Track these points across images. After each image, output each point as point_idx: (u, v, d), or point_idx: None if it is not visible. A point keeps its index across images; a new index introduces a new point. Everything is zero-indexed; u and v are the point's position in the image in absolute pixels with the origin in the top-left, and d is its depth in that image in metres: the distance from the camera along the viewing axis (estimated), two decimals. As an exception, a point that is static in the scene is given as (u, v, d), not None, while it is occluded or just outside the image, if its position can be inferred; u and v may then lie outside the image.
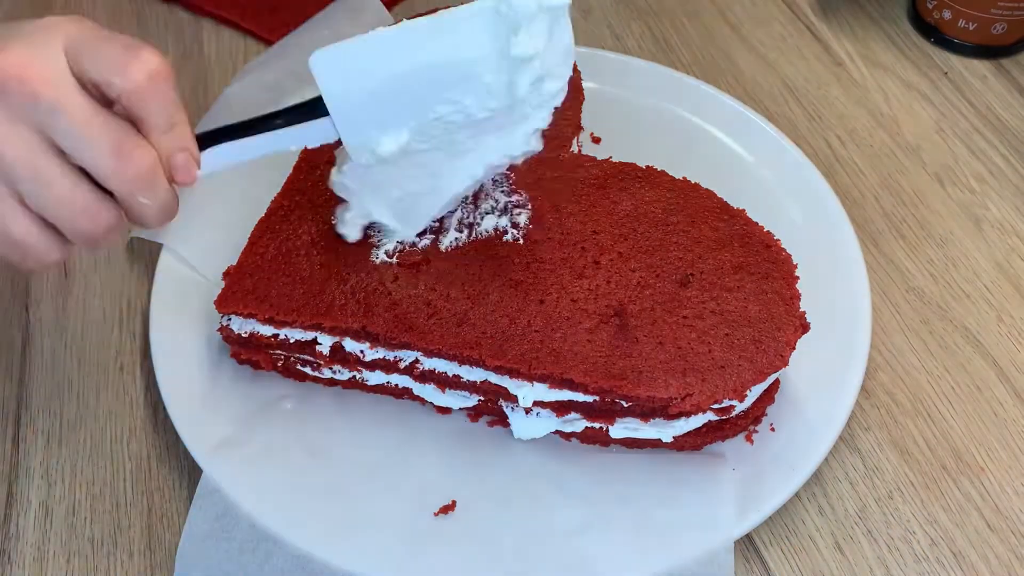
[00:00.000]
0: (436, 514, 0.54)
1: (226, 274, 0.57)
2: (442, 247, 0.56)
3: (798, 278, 0.55)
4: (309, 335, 0.56)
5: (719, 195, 0.60)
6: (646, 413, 0.53)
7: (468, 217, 0.57)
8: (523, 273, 0.55)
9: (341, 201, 0.57)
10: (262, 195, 0.62)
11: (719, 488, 0.54)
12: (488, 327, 0.53)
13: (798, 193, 0.67)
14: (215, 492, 0.53)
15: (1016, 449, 0.58)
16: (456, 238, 0.57)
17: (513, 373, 0.53)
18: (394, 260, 0.56)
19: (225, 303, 0.56)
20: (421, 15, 0.49)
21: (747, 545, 0.55)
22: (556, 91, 0.50)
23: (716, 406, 0.52)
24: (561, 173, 0.60)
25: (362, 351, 0.56)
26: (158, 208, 0.46)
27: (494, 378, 0.54)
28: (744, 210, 0.59)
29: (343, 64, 0.49)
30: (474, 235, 0.57)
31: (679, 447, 0.56)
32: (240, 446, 0.55)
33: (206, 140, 0.48)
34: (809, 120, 0.76)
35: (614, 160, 0.61)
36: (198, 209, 0.66)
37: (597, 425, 0.55)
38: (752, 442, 0.56)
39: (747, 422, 0.55)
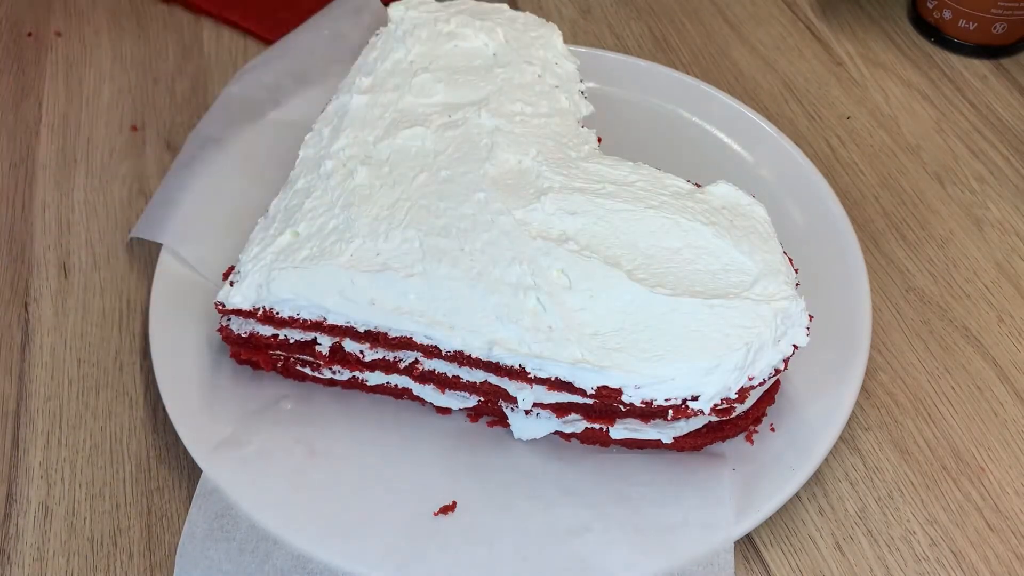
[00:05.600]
0: (436, 514, 0.54)
1: (226, 274, 0.57)
2: None
3: (798, 284, 0.55)
4: (309, 335, 0.56)
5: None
6: (646, 415, 0.53)
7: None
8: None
9: None
10: (263, 195, 0.62)
11: (719, 488, 0.54)
12: None
13: (798, 193, 0.67)
14: (215, 492, 0.53)
15: (1016, 449, 0.58)
16: None
17: (512, 375, 0.53)
18: None
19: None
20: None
21: (747, 545, 0.55)
22: None
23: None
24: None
25: (362, 351, 0.56)
26: None
27: (494, 379, 0.54)
28: None
29: None
30: None
31: (679, 448, 0.56)
32: (240, 446, 0.55)
33: None
34: (809, 120, 0.76)
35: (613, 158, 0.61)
36: (198, 209, 0.66)
37: (597, 426, 0.55)
38: (752, 442, 0.56)
39: (747, 422, 0.55)
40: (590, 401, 0.53)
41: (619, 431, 0.55)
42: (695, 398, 0.51)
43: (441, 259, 0.54)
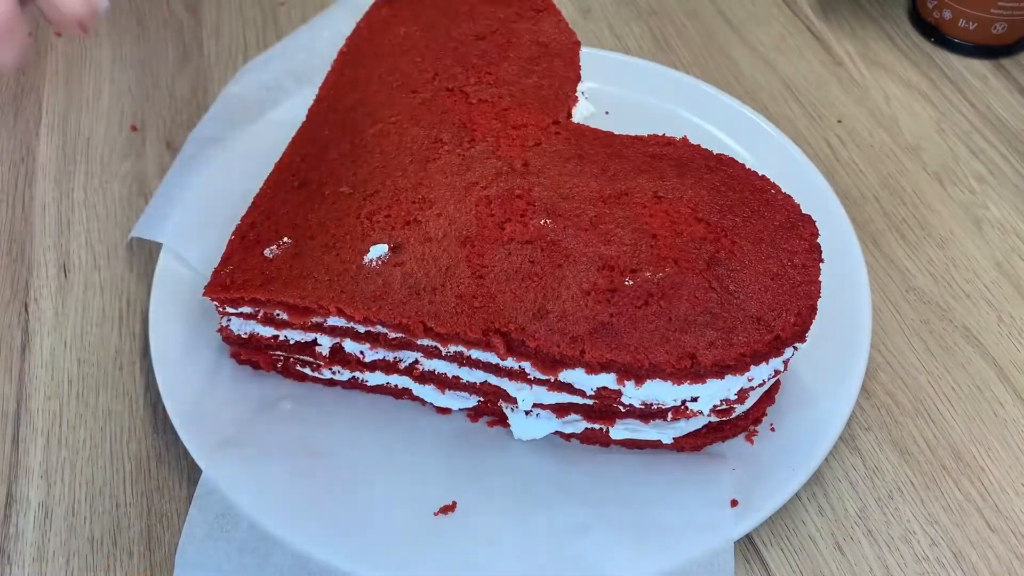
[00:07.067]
0: (436, 514, 0.54)
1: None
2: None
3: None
4: (309, 336, 0.56)
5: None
6: (646, 415, 0.53)
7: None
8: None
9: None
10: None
11: (719, 488, 0.54)
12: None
13: (798, 193, 0.67)
14: (215, 492, 0.53)
15: (1016, 449, 0.58)
16: None
17: (512, 375, 0.53)
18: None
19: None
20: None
21: (747, 545, 0.55)
22: None
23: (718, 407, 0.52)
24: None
25: (362, 352, 0.56)
26: None
27: (493, 379, 0.54)
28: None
29: None
30: None
31: (679, 448, 0.56)
32: (240, 446, 0.55)
33: None
34: (809, 120, 0.76)
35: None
36: (198, 209, 0.66)
37: (597, 426, 0.55)
38: (752, 442, 0.56)
39: (747, 423, 0.55)
40: (590, 402, 0.53)
41: (619, 431, 0.55)
42: (694, 399, 0.51)
43: None
